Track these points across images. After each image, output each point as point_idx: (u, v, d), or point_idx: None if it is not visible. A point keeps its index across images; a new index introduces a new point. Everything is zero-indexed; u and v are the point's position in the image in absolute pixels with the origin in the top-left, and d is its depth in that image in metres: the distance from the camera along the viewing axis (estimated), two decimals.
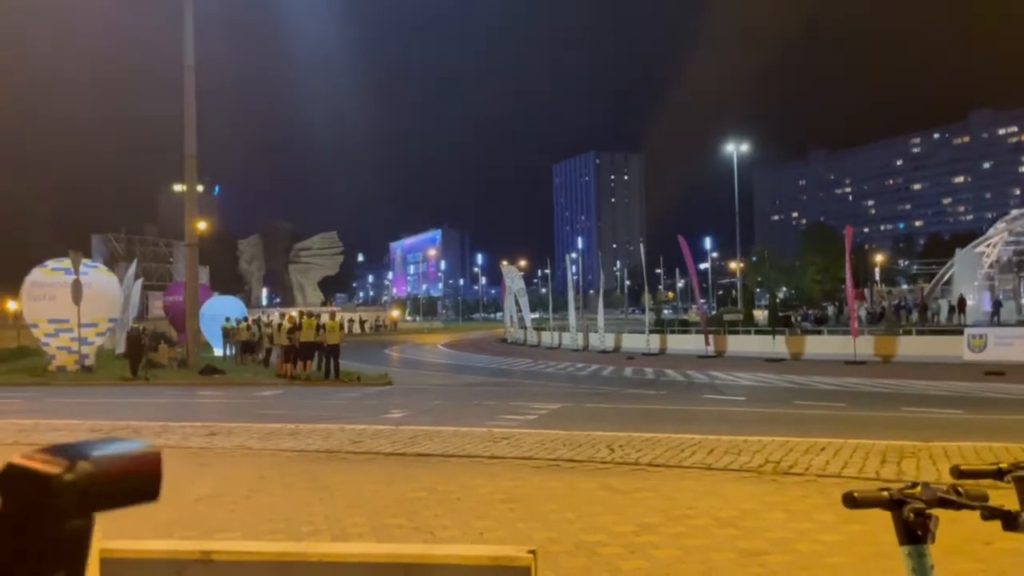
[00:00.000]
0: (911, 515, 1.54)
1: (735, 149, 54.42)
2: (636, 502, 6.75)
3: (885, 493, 1.58)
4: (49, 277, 26.47)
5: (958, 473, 1.71)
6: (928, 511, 1.56)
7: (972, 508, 1.56)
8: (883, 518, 1.60)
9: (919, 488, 1.59)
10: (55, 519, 0.61)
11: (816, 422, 12.35)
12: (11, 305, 53.56)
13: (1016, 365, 22.37)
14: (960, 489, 1.60)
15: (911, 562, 1.57)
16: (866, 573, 4.72)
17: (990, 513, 1.55)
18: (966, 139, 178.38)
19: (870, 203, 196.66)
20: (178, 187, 57.96)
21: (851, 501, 1.57)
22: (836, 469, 7.99)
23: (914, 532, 1.56)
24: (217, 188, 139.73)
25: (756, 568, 4.89)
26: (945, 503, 1.58)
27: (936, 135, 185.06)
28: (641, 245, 42.11)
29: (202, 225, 42.57)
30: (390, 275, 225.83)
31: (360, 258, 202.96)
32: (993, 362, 23.35)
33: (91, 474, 0.63)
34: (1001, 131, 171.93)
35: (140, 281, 41.48)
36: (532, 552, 2.57)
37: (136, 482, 0.67)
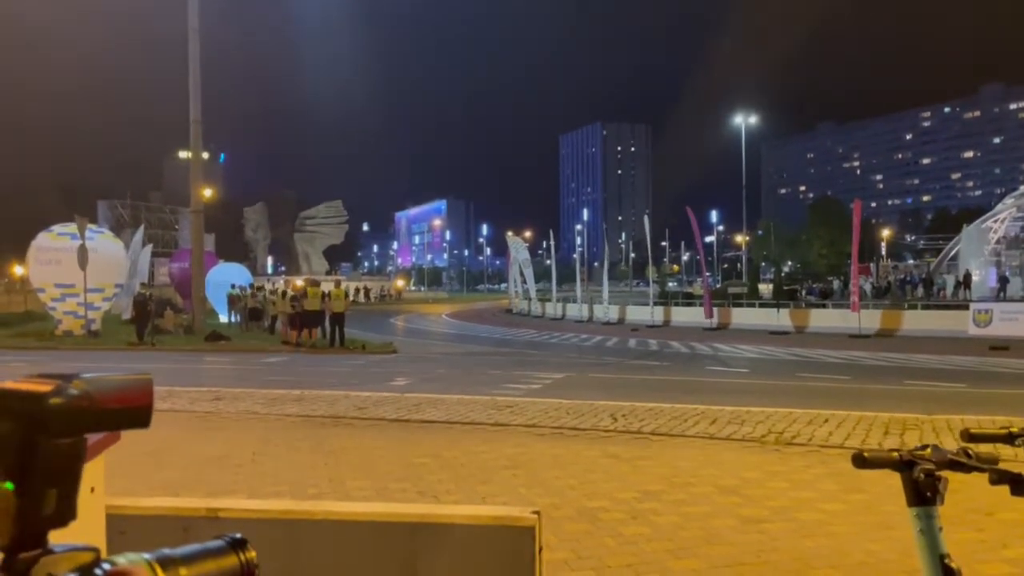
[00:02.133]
0: (921, 476, 1.53)
1: (743, 121, 53.96)
2: (638, 470, 6.79)
3: (895, 454, 1.57)
4: (55, 242, 26.52)
5: (968, 436, 1.70)
6: (938, 473, 1.55)
7: (982, 471, 1.55)
8: (885, 489, 1.60)
9: (929, 450, 1.58)
10: (45, 438, 0.62)
11: (819, 394, 12.37)
12: (18, 270, 53.74)
13: (1021, 340, 22.35)
14: (970, 452, 1.59)
15: (919, 523, 1.56)
16: (868, 542, 4.74)
17: (999, 477, 1.54)
18: (976, 113, 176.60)
19: (878, 177, 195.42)
20: (184, 154, 57.75)
21: (861, 461, 1.56)
22: (839, 440, 8.01)
23: (923, 493, 1.55)
24: (223, 155, 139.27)
25: (757, 535, 4.92)
26: (955, 465, 1.57)
27: (946, 109, 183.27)
28: (646, 217, 41.87)
29: (208, 192, 42.52)
30: (395, 245, 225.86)
31: (365, 228, 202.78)
32: (998, 337, 23.32)
33: (80, 396, 0.64)
34: (1012, 106, 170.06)
35: (149, 247, 41.55)
36: (536, 513, 2.58)
37: (127, 407, 0.67)
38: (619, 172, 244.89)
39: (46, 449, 0.62)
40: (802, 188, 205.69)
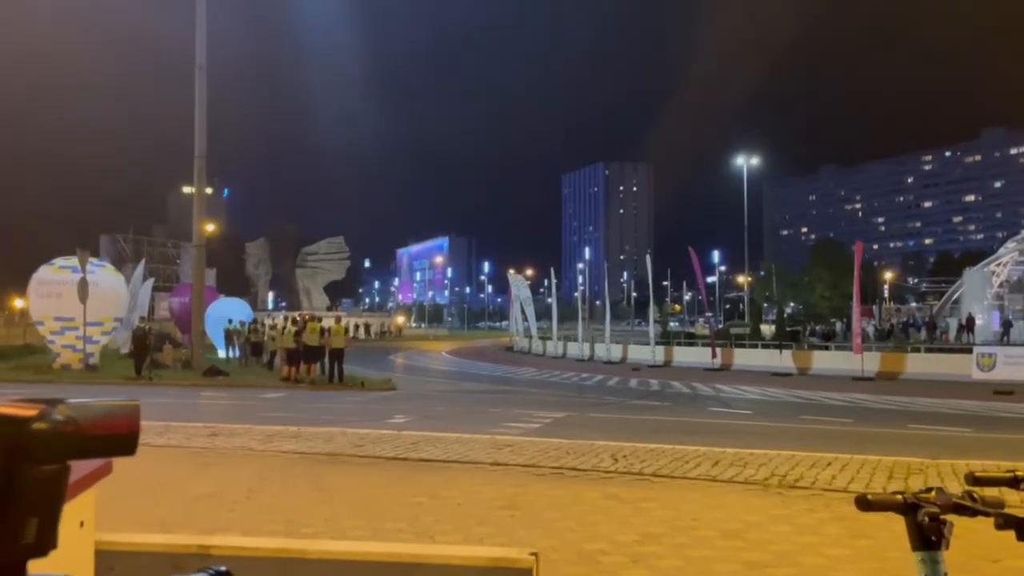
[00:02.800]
0: (925, 519, 1.50)
1: (745, 163, 54.38)
2: (639, 512, 6.69)
3: (899, 497, 1.54)
4: (56, 275, 26.56)
5: (973, 480, 1.67)
6: (943, 516, 1.52)
7: (987, 515, 1.52)
8: (890, 533, 1.56)
9: (934, 493, 1.55)
10: (27, 464, 0.60)
11: (822, 437, 12.25)
12: (18, 303, 53.80)
13: None
14: (975, 495, 1.56)
15: (924, 568, 1.52)
16: None
17: (1005, 521, 1.50)
18: (978, 157, 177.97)
19: (880, 220, 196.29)
20: (188, 189, 58.20)
21: (864, 504, 1.53)
22: (843, 483, 7.92)
23: (928, 538, 1.52)
24: (226, 191, 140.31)
25: None
26: (960, 509, 1.53)
27: (947, 153, 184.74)
28: (648, 257, 41.97)
29: (210, 227, 42.70)
30: (396, 281, 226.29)
31: (366, 264, 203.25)
32: (1002, 381, 23.19)
33: (65, 422, 0.62)
34: (1013, 150, 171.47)
35: (150, 281, 41.60)
36: (534, 554, 2.53)
37: (113, 434, 0.65)
38: (621, 211, 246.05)
39: (28, 475, 0.61)
40: (804, 229, 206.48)
